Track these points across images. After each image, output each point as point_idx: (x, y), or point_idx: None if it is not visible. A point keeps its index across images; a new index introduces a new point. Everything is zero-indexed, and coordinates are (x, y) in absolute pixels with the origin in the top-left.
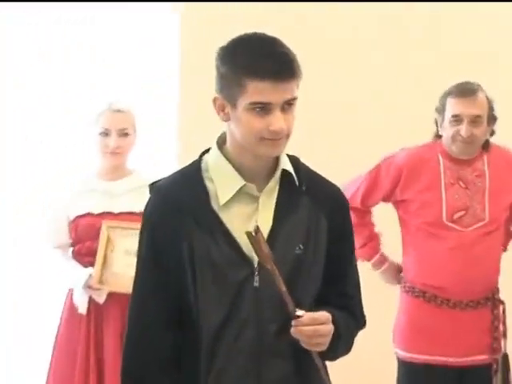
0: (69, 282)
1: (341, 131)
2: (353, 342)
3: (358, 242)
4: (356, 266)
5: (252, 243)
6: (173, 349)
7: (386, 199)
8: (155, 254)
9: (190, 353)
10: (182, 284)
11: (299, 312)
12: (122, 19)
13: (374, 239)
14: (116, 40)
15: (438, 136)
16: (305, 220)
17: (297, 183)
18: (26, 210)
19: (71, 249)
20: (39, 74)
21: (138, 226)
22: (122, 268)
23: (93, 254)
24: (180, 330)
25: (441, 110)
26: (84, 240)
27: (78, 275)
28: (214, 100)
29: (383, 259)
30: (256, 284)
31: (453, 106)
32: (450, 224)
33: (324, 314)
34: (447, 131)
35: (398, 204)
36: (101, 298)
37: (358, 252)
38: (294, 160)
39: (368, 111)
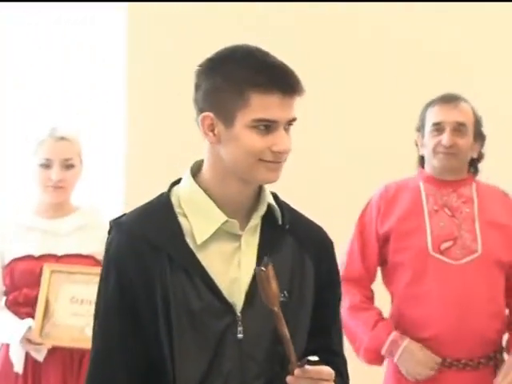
0: (3, 336)
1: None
2: None
3: (366, 325)
4: (341, 320)
5: (260, 280)
6: None
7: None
8: (123, 301)
9: None
10: (155, 333)
11: (313, 357)
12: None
13: (382, 316)
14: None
15: (422, 164)
16: (289, 263)
17: (280, 221)
18: None
19: (4, 298)
20: None
21: (89, 270)
22: (67, 319)
23: (32, 303)
24: None
25: (420, 125)
26: (21, 287)
27: (14, 328)
28: (203, 119)
29: (400, 336)
30: (240, 335)
31: (434, 115)
32: (438, 255)
33: (328, 369)
34: (428, 145)
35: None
36: (40, 355)
37: (367, 340)
38: (273, 195)
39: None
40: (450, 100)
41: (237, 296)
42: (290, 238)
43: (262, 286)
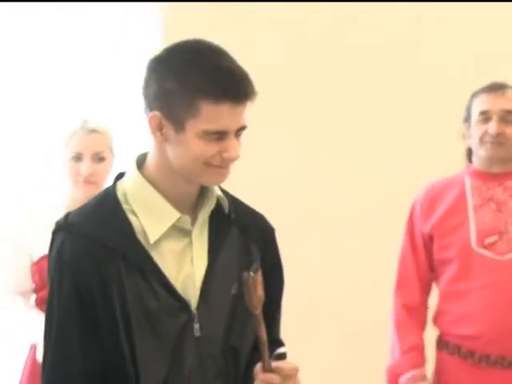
0: (31, 336)
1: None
2: None
3: (404, 343)
4: (281, 309)
5: (248, 285)
6: None
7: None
8: (80, 305)
9: None
10: (114, 337)
11: (281, 350)
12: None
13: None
14: (90, 48)
15: (469, 158)
16: (237, 254)
17: (226, 210)
18: None
19: (34, 296)
20: None
21: None
22: None
23: None
24: None
25: (467, 116)
26: None
27: (42, 328)
28: (152, 118)
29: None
30: (197, 333)
31: (480, 104)
32: (481, 250)
33: (295, 365)
34: (475, 135)
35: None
36: None
37: (402, 357)
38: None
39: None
40: (496, 88)
41: (191, 292)
42: (235, 229)
43: (248, 291)
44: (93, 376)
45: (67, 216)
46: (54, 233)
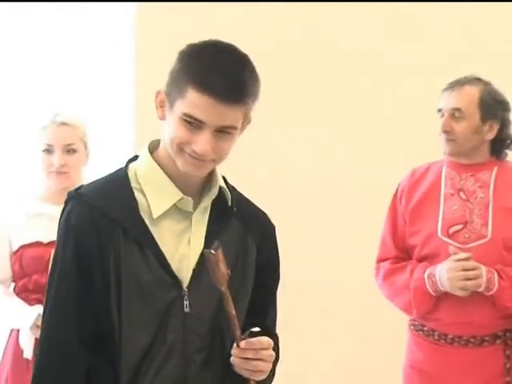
0: (12, 322)
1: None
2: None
3: (405, 284)
4: (276, 301)
5: (210, 262)
6: (88, 373)
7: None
8: (79, 266)
9: (108, 377)
10: (106, 301)
11: (255, 329)
12: (70, 18)
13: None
14: (63, 41)
15: None
16: (234, 243)
17: (229, 202)
18: None
19: (13, 284)
20: None
21: None
22: None
23: (41, 289)
24: (98, 351)
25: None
26: (30, 273)
27: (23, 314)
28: (157, 94)
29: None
30: (186, 309)
31: (439, 101)
32: (445, 239)
33: (267, 339)
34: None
35: None
36: None
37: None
38: (223, 178)
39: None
40: (451, 85)
41: (185, 272)
42: (236, 220)
43: (212, 268)
44: (84, 330)
45: (80, 187)
46: (66, 201)
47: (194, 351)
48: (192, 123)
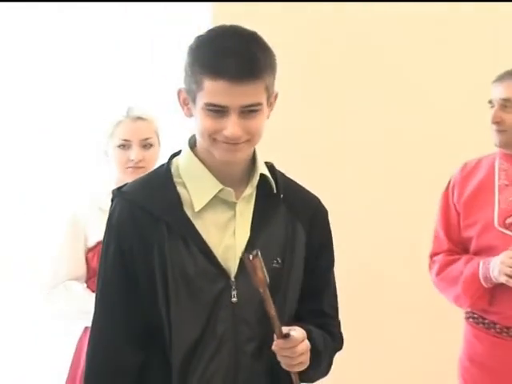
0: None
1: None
2: (331, 363)
3: (457, 277)
4: (334, 284)
5: (248, 268)
6: (139, 369)
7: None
8: (123, 265)
9: (159, 374)
10: (153, 298)
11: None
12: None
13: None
14: (132, 36)
15: None
16: (282, 231)
17: (274, 190)
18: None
19: (84, 285)
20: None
21: None
22: None
23: None
24: (148, 349)
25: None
26: None
27: None
28: (178, 93)
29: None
30: (234, 299)
31: (490, 93)
32: (502, 229)
33: (299, 333)
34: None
35: None
36: None
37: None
38: (269, 166)
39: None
40: (500, 77)
41: (231, 262)
42: (283, 206)
43: (250, 273)
44: (131, 329)
45: (123, 185)
46: (112, 199)
47: (244, 341)
48: (216, 111)
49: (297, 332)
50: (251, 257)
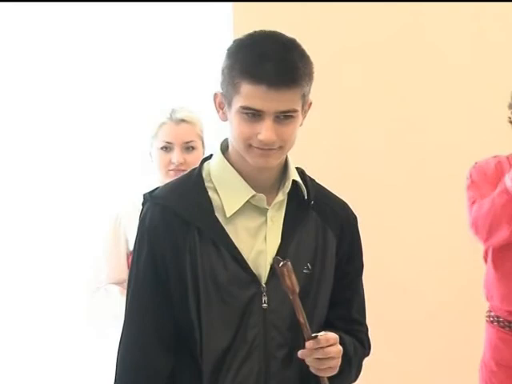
0: None
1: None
2: (360, 370)
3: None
4: (363, 290)
5: (278, 276)
6: (170, 375)
7: None
8: (154, 270)
9: (190, 379)
10: (184, 303)
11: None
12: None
13: None
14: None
15: None
16: (313, 237)
17: (305, 196)
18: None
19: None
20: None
21: None
22: None
23: None
24: (179, 354)
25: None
26: None
27: None
28: (215, 96)
29: None
30: (265, 305)
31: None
32: None
33: (333, 334)
34: None
35: None
36: None
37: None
38: (299, 172)
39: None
40: None
41: (262, 268)
42: (314, 213)
43: (280, 280)
44: (163, 335)
45: (155, 189)
46: (143, 204)
47: (275, 347)
48: (251, 115)
49: (329, 334)
50: (280, 264)
